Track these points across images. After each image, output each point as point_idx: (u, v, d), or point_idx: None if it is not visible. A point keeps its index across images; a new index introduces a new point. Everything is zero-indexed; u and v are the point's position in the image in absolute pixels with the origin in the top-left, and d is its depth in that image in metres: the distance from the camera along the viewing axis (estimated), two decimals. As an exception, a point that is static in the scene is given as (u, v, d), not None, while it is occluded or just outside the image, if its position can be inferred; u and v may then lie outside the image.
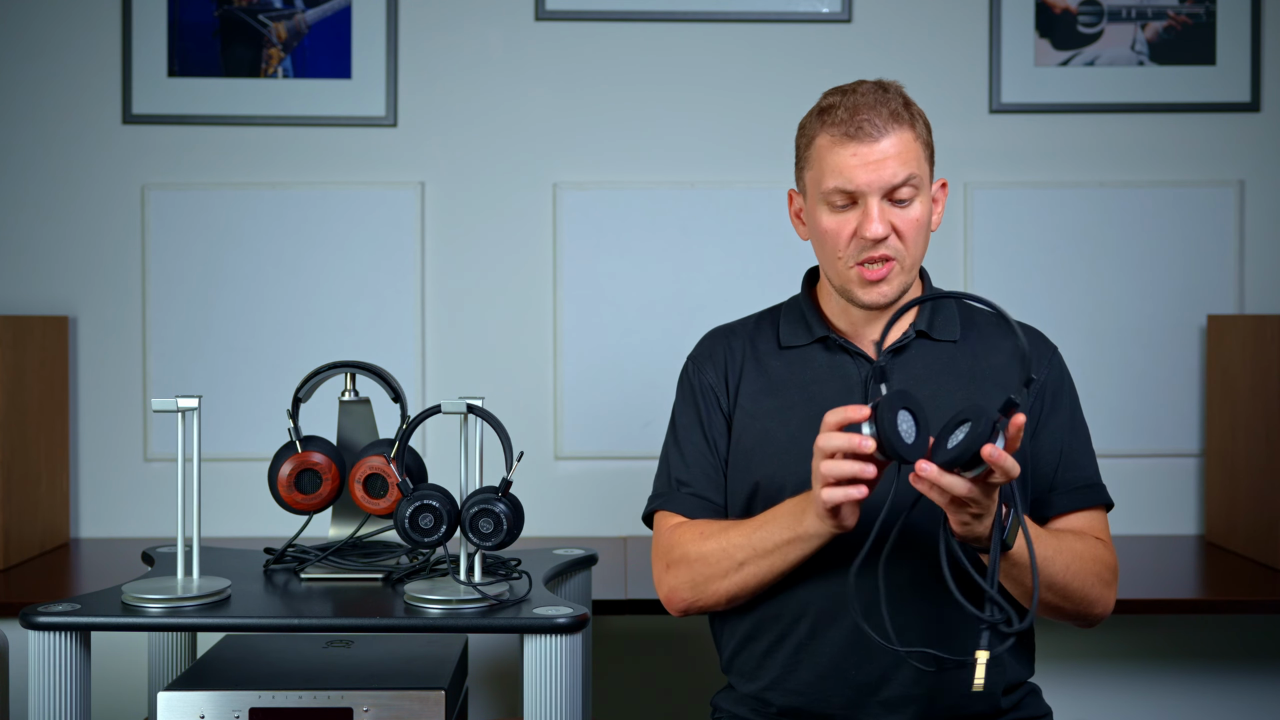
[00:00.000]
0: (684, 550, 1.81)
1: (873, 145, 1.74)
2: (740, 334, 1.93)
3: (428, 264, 2.93)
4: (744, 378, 1.88)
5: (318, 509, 2.00)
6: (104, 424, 2.92)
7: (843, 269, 1.78)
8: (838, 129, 1.75)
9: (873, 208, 1.74)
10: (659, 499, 1.90)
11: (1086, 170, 2.94)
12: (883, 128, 1.74)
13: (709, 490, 1.87)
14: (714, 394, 1.89)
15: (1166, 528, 2.93)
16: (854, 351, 1.83)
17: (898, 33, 2.94)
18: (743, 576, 1.76)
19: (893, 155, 1.74)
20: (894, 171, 1.74)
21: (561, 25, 2.95)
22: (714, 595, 1.80)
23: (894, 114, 1.75)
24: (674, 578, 1.82)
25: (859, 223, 1.75)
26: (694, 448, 1.88)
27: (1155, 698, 2.75)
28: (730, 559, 1.76)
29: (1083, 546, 1.76)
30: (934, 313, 1.86)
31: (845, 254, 1.77)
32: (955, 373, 1.82)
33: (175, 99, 2.92)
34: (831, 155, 1.76)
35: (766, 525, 1.74)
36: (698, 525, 1.83)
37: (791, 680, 1.80)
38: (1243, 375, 2.72)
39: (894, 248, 1.76)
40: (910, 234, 1.77)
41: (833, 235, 1.77)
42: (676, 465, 1.89)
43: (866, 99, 1.76)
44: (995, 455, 1.49)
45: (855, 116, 1.75)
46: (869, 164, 1.74)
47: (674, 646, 2.74)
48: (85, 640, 1.71)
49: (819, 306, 1.89)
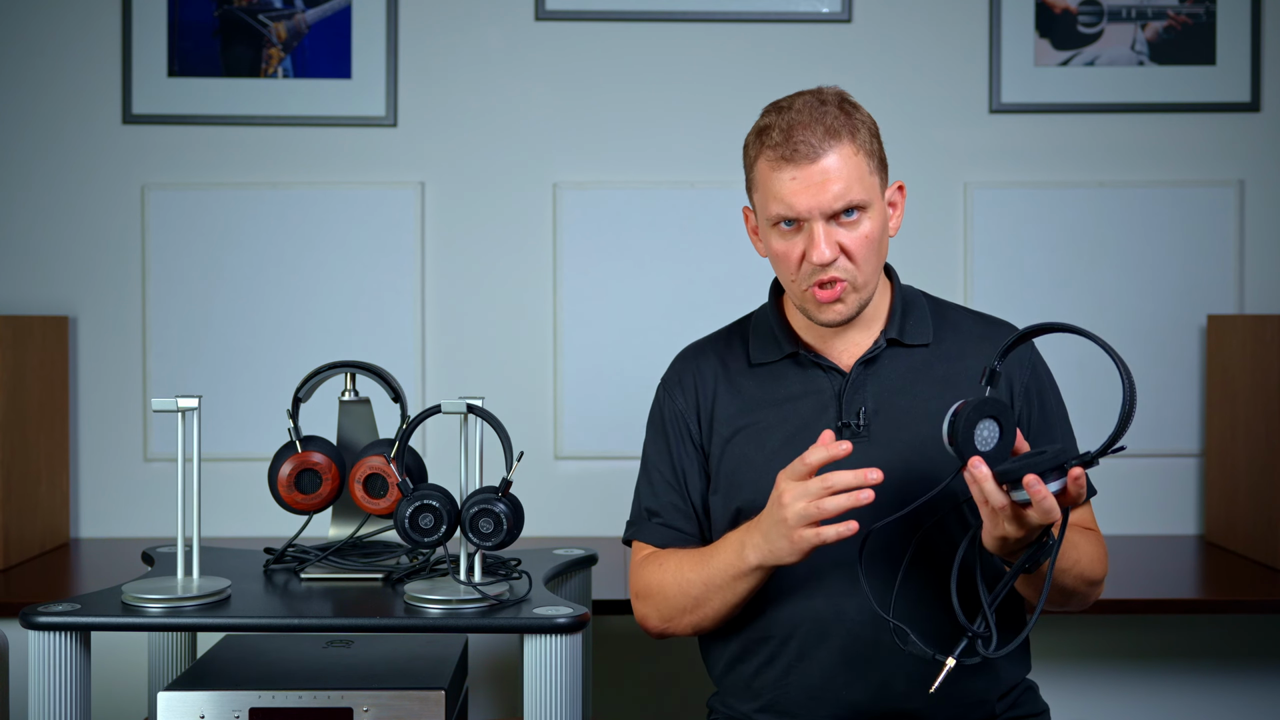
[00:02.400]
0: (648, 585, 1.83)
1: (810, 166, 1.69)
2: (710, 354, 1.90)
3: (428, 264, 2.93)
4: (717, 401, 1.85)
5: (318, 509, 2.00)
6: (104, 424, 2.92)
7: (797, 290, 1.76)
8: (775, 151, 1.71)
9: (818, 232, 1.70)
10: (632, 528, 1.91)
11: (1086, 170, 2.94)
12: (818, 146, 1.69)
13: (678, 520, 1.86)
14: (684, 423, 1.87)
15: (1166, 528, 2.93)
16: (826, 365, 1.81)
17: (898, 33, 2.94)
18: (701, 610, 1.78)
19: (834, 174, 1.69)
20: (836, 193, 1.69)
21: (561, 25, 2.95)
22: (681, 626, 1.82)
23: (830, 129, 1.70)
24: (642, 608, 1.85)
25: (806, 246, 1.71)
26: (661, 478, 1.88)
27: (1154, 697, 2.75)
28: (688, 595, 1.78)
29: (1092, 547, 1.77)
30: (904, 316, 1.83)
31: (798, 277, 1.74)
32: (929, 379, 1.79)
33: (175, 99, 2.92)
34: (772, 180, 1.72)
35: (712, 559, 1.75)
36: (661, 558, 1.83)
37: (783, 701, 1.79)
38: (1243, 375, 2.72)
39: (843, 269, 1.72)
40: (860, 253, 1.72)
41: (783, 258, 1.74)
42: (646, 495, 1.89)
43: (802, 116, 1.71)
44: (1035, 487, 1.50)
45: (791, 138, 1.70)
46: (810, 187, 1.69)
47: (674, 647, 2.74)
48: (85, 640, 1.71)
49: (786, 319, 1.87)
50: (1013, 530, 1.55)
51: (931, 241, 2.91)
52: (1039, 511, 1.52)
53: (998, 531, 1.56)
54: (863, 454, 1.73)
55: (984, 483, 1.53)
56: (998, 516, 1.55)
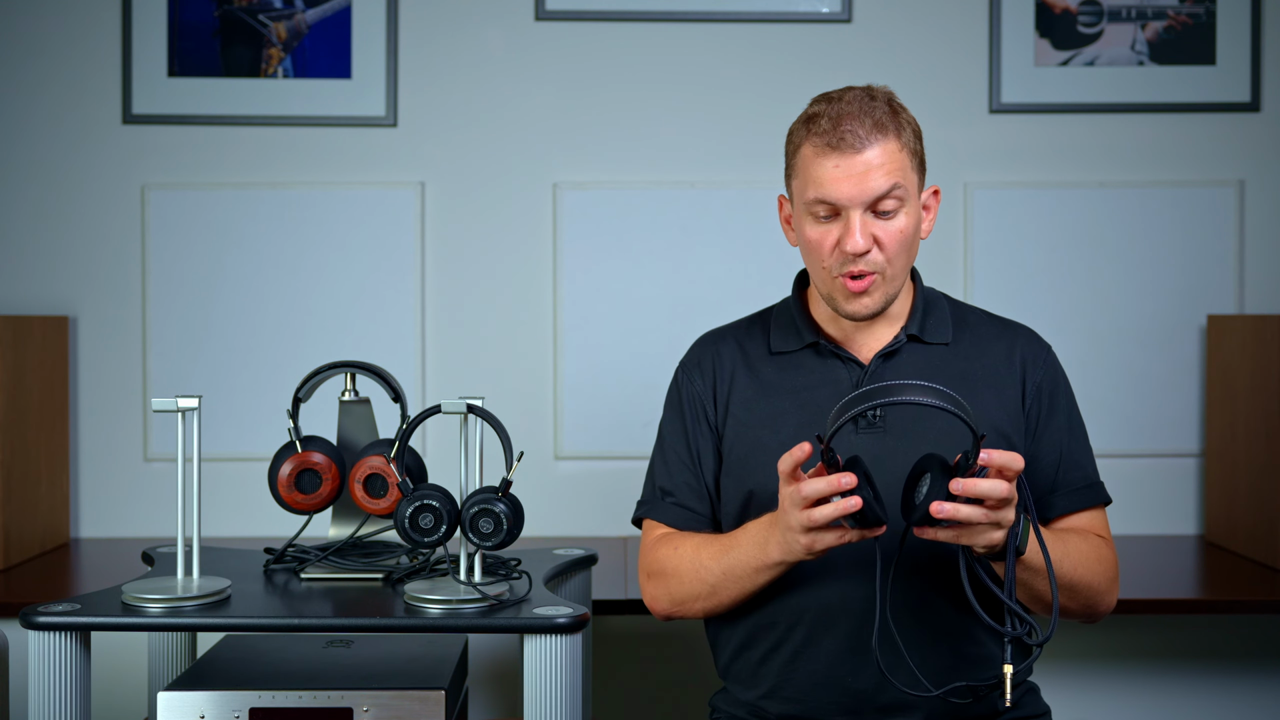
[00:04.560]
0: (661, 566, 1.84)
1: (855, 156, 1.72)
2: (730, 339, 1.92)
3: (428, 264, 2.93)
4: (734, 386, 1.87)
5: (318, 509, 2.00)
6: (104, 424, 2.92)
7: (827, 279, 1.78)
8: (821, 139, 1.73)
9: (854, 221, 1.72)
10: (644, 506, 1.92)
11: (1086, 170, 2.94)
12: (865, 138, 1.72)
13: (691, 500, 1.87)
14: (701, 405, 1.88)
15: (1166, 528, 2.93)
16: (845, 357, 1.83)
17: (898, 33, 2.94)
18: (717, 598, 1.79)
19: (876, 166, 1.72)
20: (877, 184, 1.72)
21: (561, 25, 2.95)
22: (692, 610, 1.83)
23: (878, 123, 1.73)
24: (654, 588, 1.86)
25: (841, 235, 1.73)
26: (677, 458, 1.89)
27: (1154, 697, 2.75)
28: (702, 581, 1.79)
29: (1088, 546, 1.77)
30: (925, 315, 1.85)
31: (829, 264, 1.76)
32: (947, 376, 1.80)
33: (175, 99, 2.92)
34: (815, 166, 1.74)
35: (733, 550, 1.76)
36: (675, 540, 1.84)
37: (788, 688, 1.79)
38: (1243, 375, 2.72)
39: (875, 261, 1.74)
40: (893, 246, 1.74)
41: (816, 245, 1.76)
42: (661, 474, 1.90)
43: (851, 107, 1.74)
44: (946, 510, 1.53)
45: (839, 126, 1.72)
46: (851, 176, 1.72)
47: (674, 646, 2.74)
48: (85, 640, 1.71)
49: (809, 311, 1.88)
50: (982, 538, 1.58)
51: (932, 241, 2.90)
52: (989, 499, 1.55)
53: (977, 542, 1.59)
54: (878, 445, 1.75)
55: (938, 535, 1.58)
56: (961, 538, 1.58)
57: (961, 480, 1.53)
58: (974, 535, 1.58)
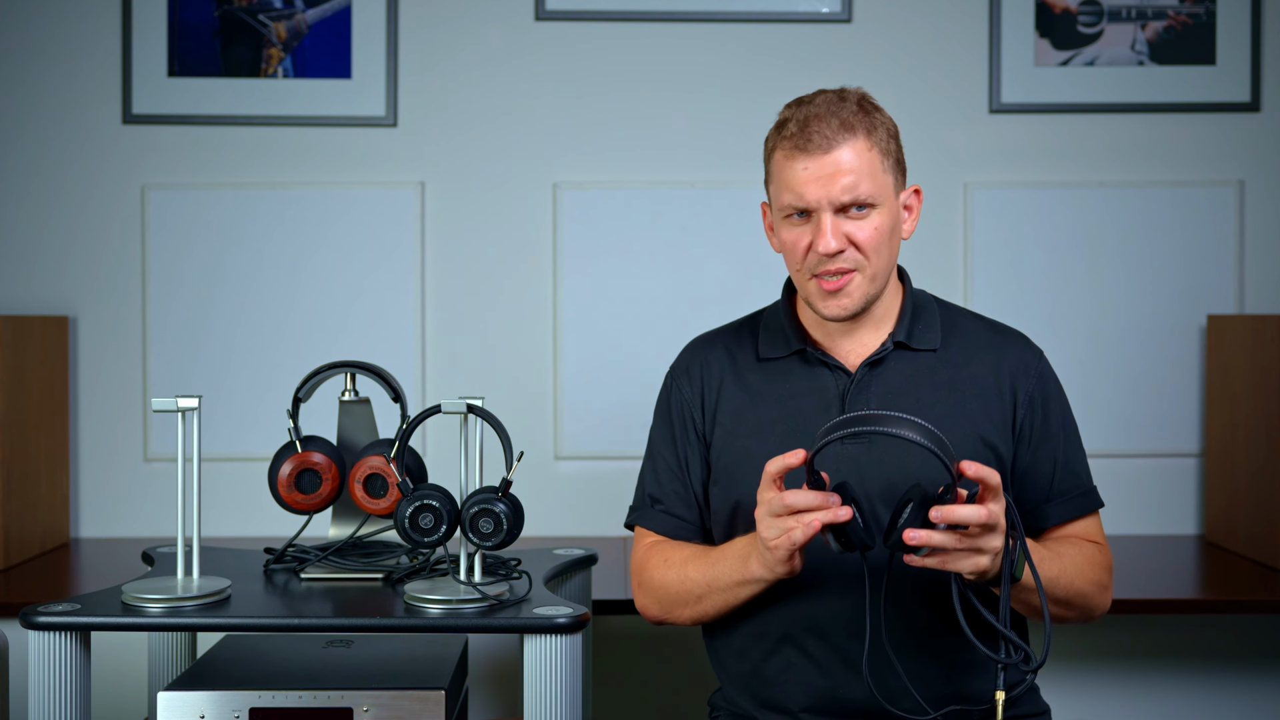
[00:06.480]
0: (650, 575, 1.85)
1: (823, 157, 1.71)
2: (719, 345, 1.91)
3: (428, 264, 2.93)
4: (722, 393, 1.86)
5: (318, 509, 2.00)
6: (104, 424, 2.92)
7: (803, 281, 1.78)
8: (789, 142, 1.74)
9: (825, 222, 1.72)
10: (635, 513, 1.92)
11: (1086, 170, 2.94)
12: (833, 138, 1.71)
13: (680, 508, 1.88)
14: (689, 414, 1.88)
15: (1166, 527, 2.93)
16: (832, 364, 1.81)
17: (898, 33, 2.94)
18: (702, 608, 1.80)
19: (845, 167, 1.71)
20: (845, 185, 1.71)
21: (561, 25, 2.95)
22: (680, 619, 1.84)
23: (845, 123, 1.72)
24: (644, 596, 1.88)
25: (813, 236, 1.73)
26: (666, 466, 1.89)
27: (1154, 697, 2.75)
28: (689, 593, 1.80)
29: (1083, 558, 1.77)
30: (914, 319, 1.84)
31: (804, 266, 1.76)
32: (935, 383, 1.80)
33: (175, 99, 2.92)
34: (785, 169, 1.75)
35: (718, 564, 1.76)
36: (665, 551, 1.85)
37: (782, 698, 1.79)
38: (1243, 375, 2.72)
39: (853, 259, 1.74)
40: (870, 245, 1.73)
41: (791, 248, 1.76)
42: (650, 482, 1.91)
43: (819, 109, 1.74)
44: (919, 537, 1.52)
45: (806, 129, 1.73)
46: (820, 177, 1.71)
47: (674, 646, 2.74)
48: (85, 640, 1.71)
49: (797, 316, 1.87)
50: (966, 564, 1.57)
51: (931, 241, 2.91)
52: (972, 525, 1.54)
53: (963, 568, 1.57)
54: (864, 455, 1.74)
55: (925, 563, 1.57)
56: (946, 564, 1.57)
57: (939, 508, 1.53)
58: (957, 561, 1.56)
